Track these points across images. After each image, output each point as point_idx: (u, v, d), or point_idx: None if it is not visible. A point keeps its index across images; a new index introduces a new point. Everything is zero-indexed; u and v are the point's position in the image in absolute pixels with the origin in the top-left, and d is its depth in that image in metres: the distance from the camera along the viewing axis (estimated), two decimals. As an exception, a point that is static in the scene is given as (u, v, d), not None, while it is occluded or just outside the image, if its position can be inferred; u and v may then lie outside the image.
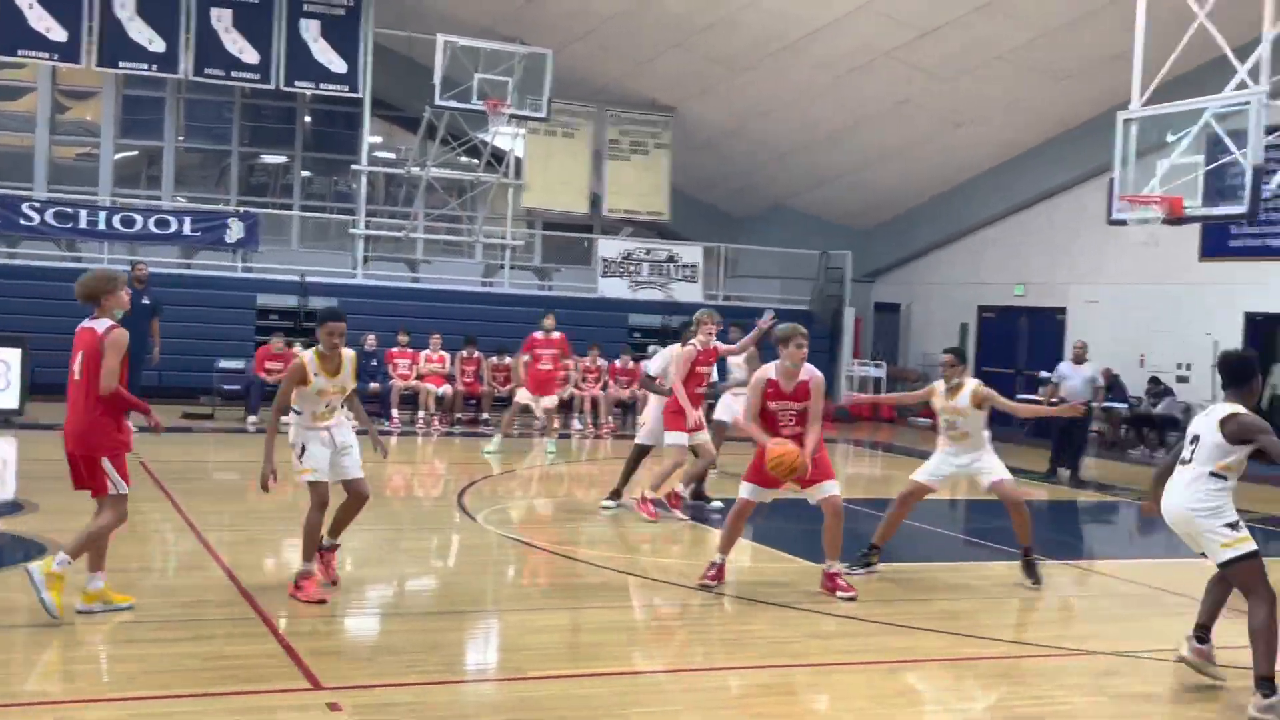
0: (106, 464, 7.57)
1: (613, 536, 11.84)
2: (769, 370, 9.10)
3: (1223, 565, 7.14)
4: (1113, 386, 20.89)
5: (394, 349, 20.39)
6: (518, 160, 25.11)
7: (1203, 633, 7.53)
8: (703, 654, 7.79)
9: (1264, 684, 6.82)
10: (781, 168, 26.46)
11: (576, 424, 20.42)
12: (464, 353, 20.53)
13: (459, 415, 20.47)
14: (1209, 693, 7.41)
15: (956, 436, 9.90)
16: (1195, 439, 7.18)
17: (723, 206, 28.87)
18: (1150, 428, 21.20)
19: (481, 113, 22.13)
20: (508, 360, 20.43)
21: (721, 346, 12.64)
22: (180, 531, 10.66)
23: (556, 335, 17.42)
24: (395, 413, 19.81)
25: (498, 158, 24.80)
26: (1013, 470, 10.50)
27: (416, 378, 20.21)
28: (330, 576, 8.72)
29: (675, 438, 12.26)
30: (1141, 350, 21.41)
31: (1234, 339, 20.46)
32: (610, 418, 20.59)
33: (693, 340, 12.29)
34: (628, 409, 21.02)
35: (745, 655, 7.73)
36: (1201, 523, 7.11)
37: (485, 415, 20.38)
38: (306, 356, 8.40)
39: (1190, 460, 7.15)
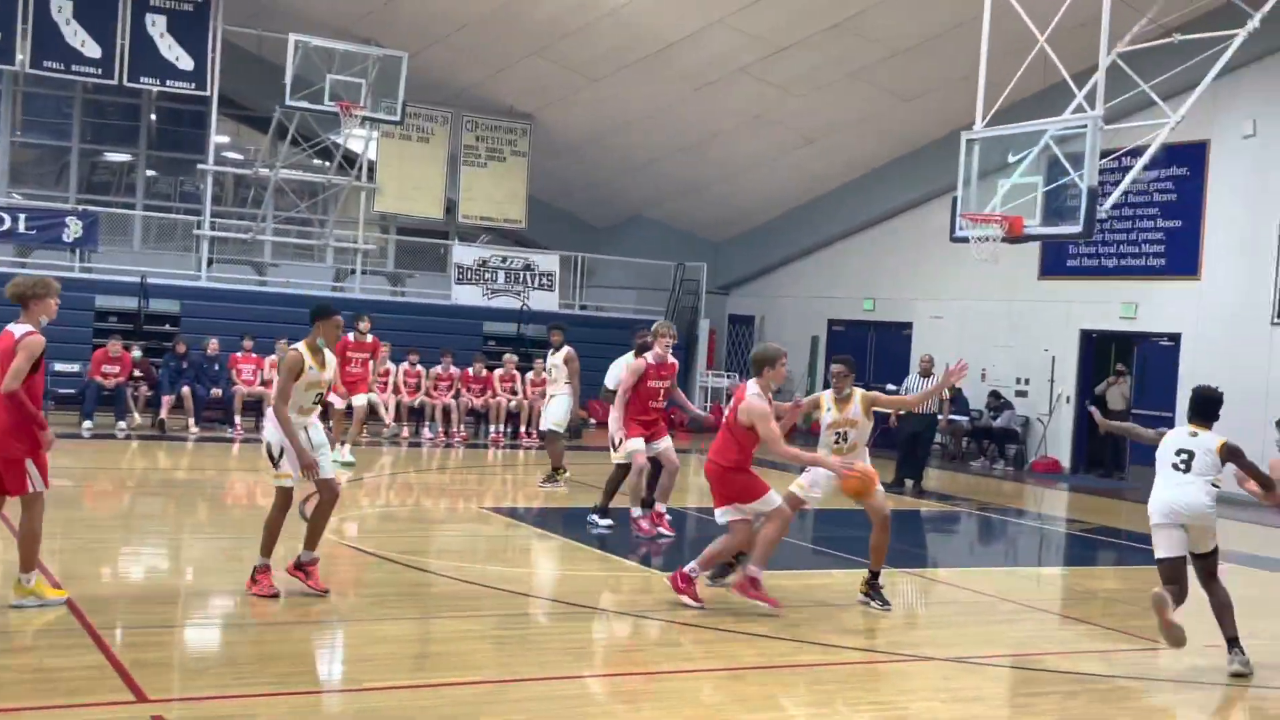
0: (29, 464, 7.73)
1: (462, 546, 11.72)
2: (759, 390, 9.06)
3: (1206, 555, 8.61)
4: (955, 400, 21.45)
5: (238, 354, 19.91)
6: (371, 164, 24.77)
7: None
8: (547, 662, 7.74)
9: (1234, 644, 8.29)
10: (639, 178, 26.60)
11: (428, 432, 20.19)
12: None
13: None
14: (1044, 697, 7.62)
15: (845, 449, 9.57)
16: (1188, 454, 8.73)
17: (580, 215, 28.89)
18: (990, 440, 21.81)
19: (334, 114, 21.76)
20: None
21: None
22: (6, 540, 10.23)
23: (370, 339, 17.14)
24: (239, 420, 19.34)
25: (350, 160, 24.42)
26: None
27: (261, 384, 19.76)
28: (320, 587, 8.74)
29: (633, 444, 11.88)
30: (983, 365, 22.03)
31: (1070, 355, 21.22)
32: (462, 426, 20.40)
33: (647, 353, 12.00)
34: (480, 417, 20.87)
35: (588, 664, 7.71)
36: (1210, 519, 8.61)
37: (332, 423, 19.96)
38: (301, 349, 8.56)
39: (1189, 471, 8.69)
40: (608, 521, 12.19)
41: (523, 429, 20.84)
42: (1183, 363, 19.57)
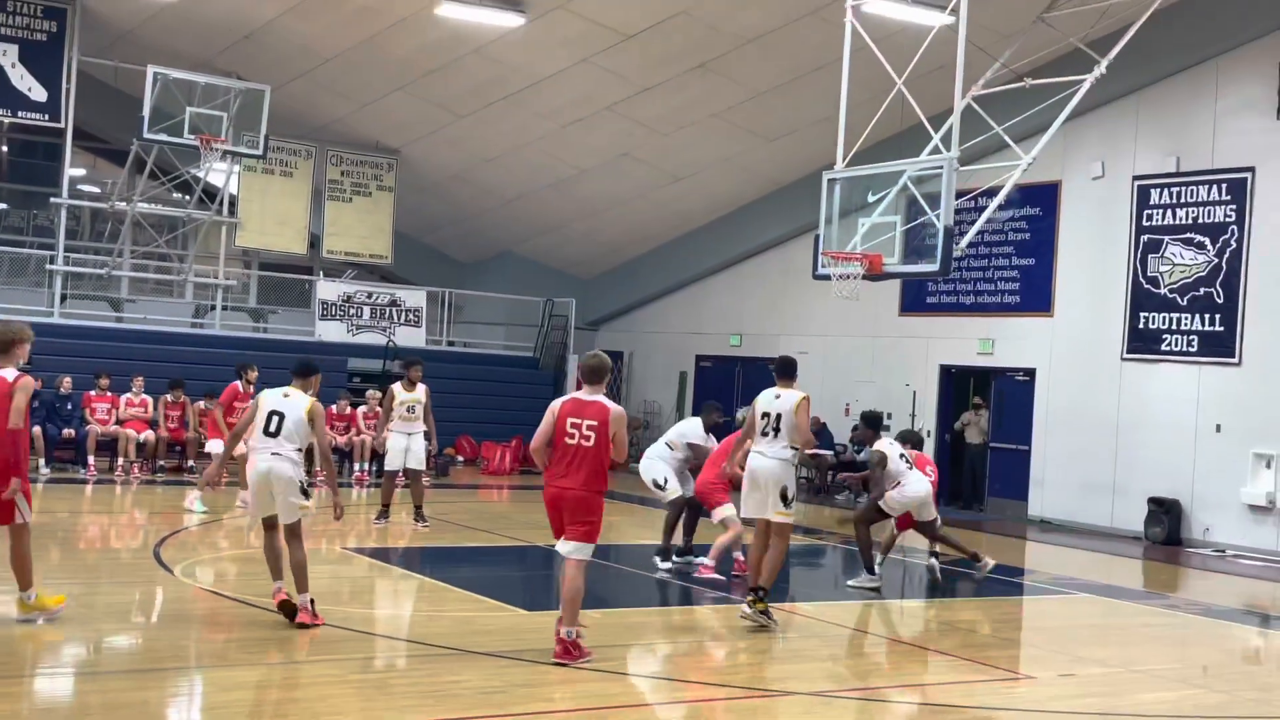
0: (19, 497, 8.66)
1: (324, 588, 11.50)
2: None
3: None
4: (820, 434, 21.74)
5: (93, 392, 19.32)
6: (233, 198, 24.33)
7: None
8: (407, 707, 7.61)
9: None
10: (507, 214, 26.57)
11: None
12: (169, 396, 19.63)
13: (162, 462, 19.53)
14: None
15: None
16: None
17: (448, 251, 28.73)
18: (854, 473, 22.12)
19: (194, 148, 21.32)
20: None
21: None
22: None
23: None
24: (92, 460, 18.77)
25: (211, 195, 23.95)
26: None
27: (116, 423, 19.20)
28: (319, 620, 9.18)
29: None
30: (846, 399, 22.40)
31: (931, 390, 21.69)
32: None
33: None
34: (344, 456, 20.52)
35: (448, 707, 7.59)
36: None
37: (191, 462, 19.51)
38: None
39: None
40: (668, 565, 12.69)
41: (358, 466, 20.45)
42: (1038, 396, 20.14)
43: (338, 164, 25.39)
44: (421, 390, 15.21)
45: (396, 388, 15.30)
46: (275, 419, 9.67)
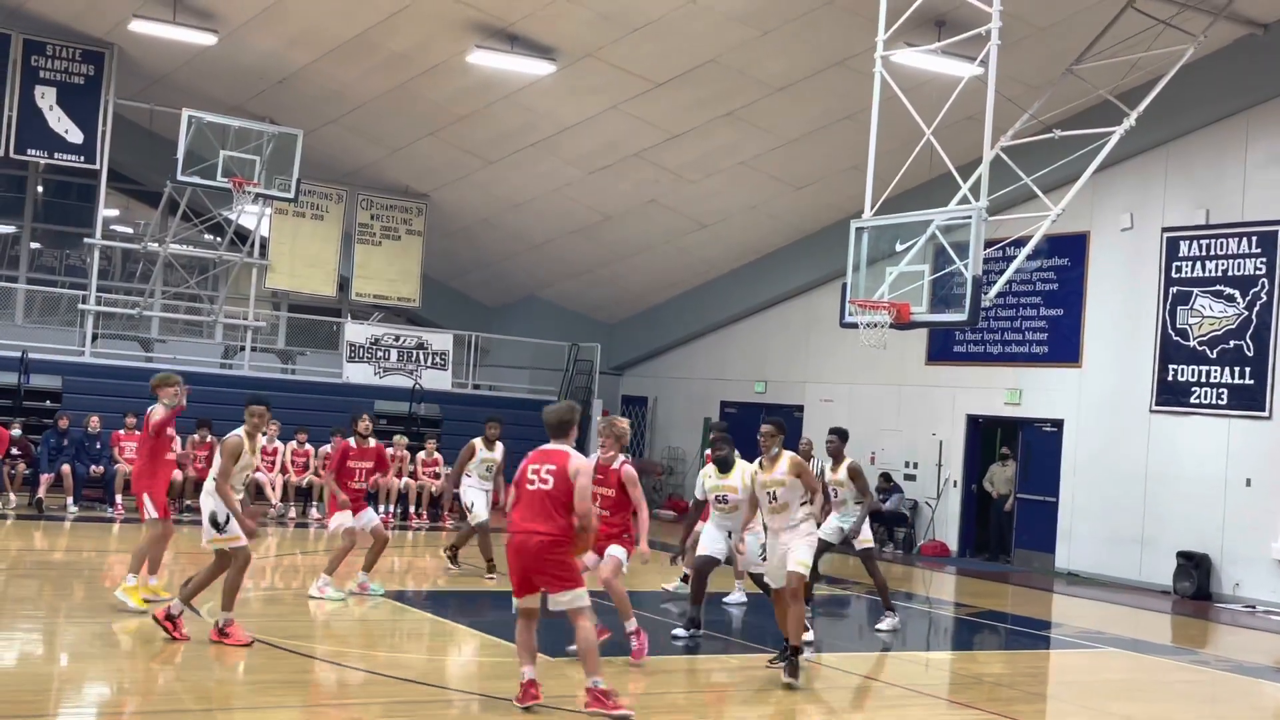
0: (146, 498, 11.02)
1: (348, 631, 11.49)
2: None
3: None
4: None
5: (121, 431, 19.43)
6: (263, 240, 24.53)
7: None
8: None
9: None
10: (534, 259, 26.69)
11: (315, 512, 19.81)
12: (196, 436, 19.71)
13: (189, 503, 19.57)
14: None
15: (777, 508, 9.99)
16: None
17: (475, 295, 28.86)
18: (880, 523, 22.01)
19: (226, 190, 21.54)
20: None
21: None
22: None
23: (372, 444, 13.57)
24: (119, 499, 18.83)
25: (242, 236, 24.16)
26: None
27: (146, 462, 19.27)
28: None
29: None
30: (872, 448, 22.30)
31: (958, 439, 21.60)
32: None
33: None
34: (370, 498, 20.48)
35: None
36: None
37: (219, 502, 19.53)
38: (241, 435, 10.16)
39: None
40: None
41: (412, 510, 20.57)
42: (1065, 447, 20.02)
43: (368, 207, 25.59)
44: (500, 450, 14.78)
45: (477, 443, 14.73)
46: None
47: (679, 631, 11.57)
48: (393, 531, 19.02)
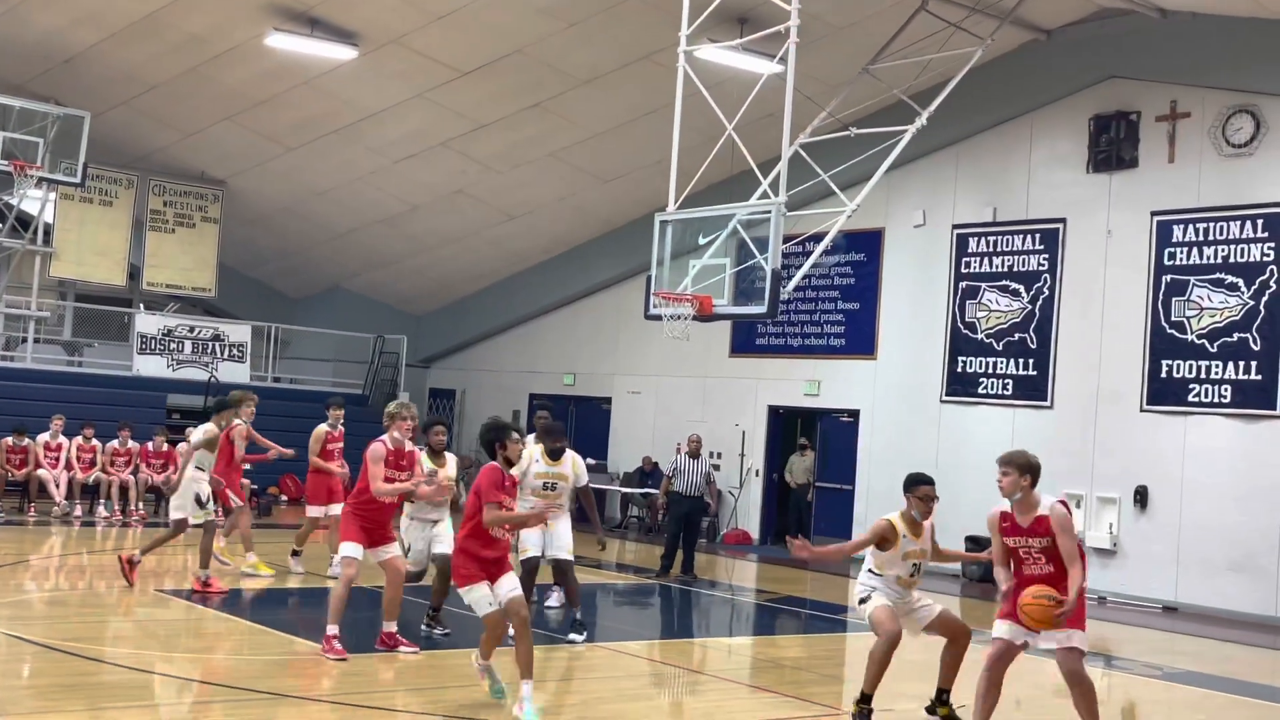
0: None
1: (135, 632, 11.08)
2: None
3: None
4: (652, 474, 21.93)
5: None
6: (48, 226, 23.43)
7: None
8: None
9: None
10: (338, 249, 26.16)
11: (103, 510, 19.02)
12: (-24, 432, 18.74)
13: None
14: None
15: (916, 582, 8.98)
16: None
17: (276, 285, 28.15)
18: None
19: (7, 174, 20.52)
20: (26, 441, 18.88)
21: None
22: None
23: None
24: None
25: (24, 223, 23.04)
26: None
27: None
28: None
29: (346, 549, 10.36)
30: (678, 439, 22.51)
31: (759, 430, 22.01)
32: (142, 504, 19.33)
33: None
34: (161, 495, 19.81)
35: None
36: None
37: (-2, 501, 18.62)
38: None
39: None
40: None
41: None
42: (861, 437, 20.59)
43: (160, 194, 24.70)
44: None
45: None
46: None
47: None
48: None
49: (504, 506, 8.24)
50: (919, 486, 8.89)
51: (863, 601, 8.88)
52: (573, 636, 11.17)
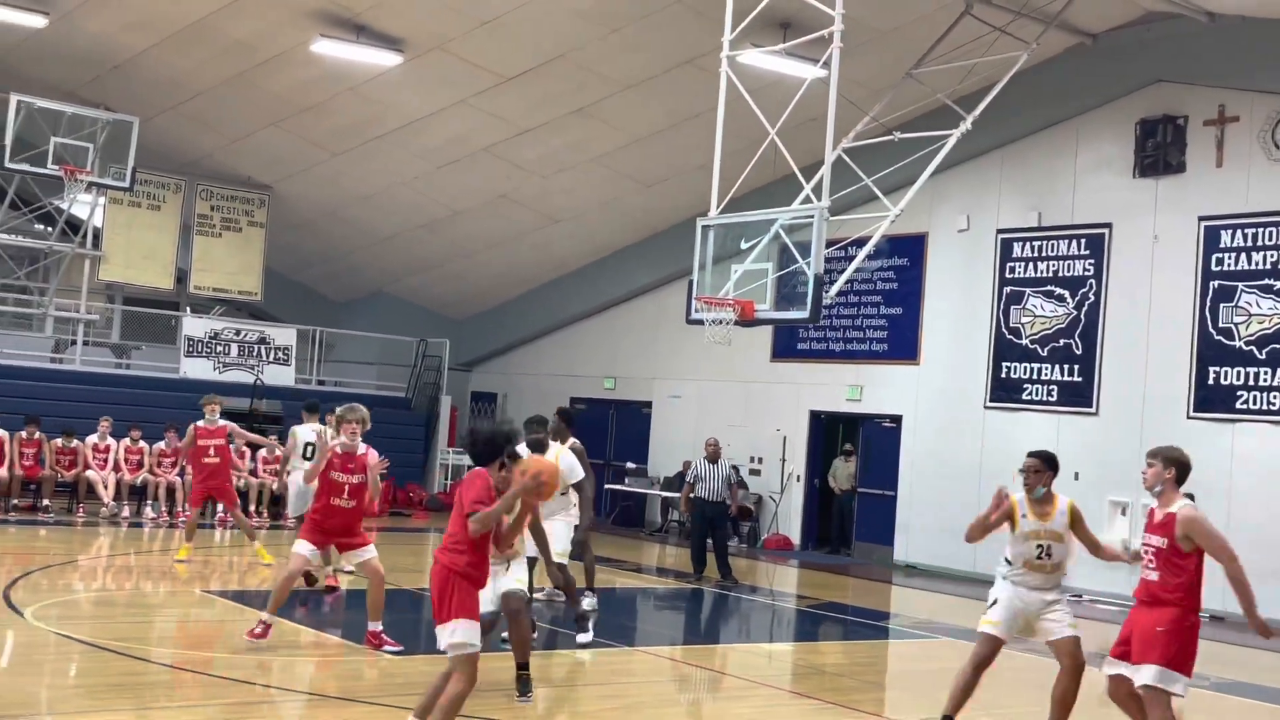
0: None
1: (182, 632, 11.19)
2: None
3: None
4: (741, 484, 21.96)
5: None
6: (97, 230, 23.71)
7: None
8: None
9: None
10: (381, 253, 26.33)
11: (150, 511, 19.23)
12: (24, 433, 18.97)
13: (15, 501, 18.85)
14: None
15: (1049, 567, 8.30)
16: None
17: (320, 289, 28.36)
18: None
19: (58, 178, 20.78)
20: (75, 443, 19.13)
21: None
22: None
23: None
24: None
25: (74, 226, 23.32)
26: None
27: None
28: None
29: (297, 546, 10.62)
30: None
31: (801, 435, 21.96)
32: (187, 505, 19.47)
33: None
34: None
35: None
36: None
37: (45, 501, 18.88)
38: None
39: None
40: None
41: (252, 508, 20.09)
42: (904, 443, 20.51)
43: (208, 198, 24.93)
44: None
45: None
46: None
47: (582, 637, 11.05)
48: (230, 530, 18.63)
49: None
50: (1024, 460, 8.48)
51: (990, 606, 8.43)
52: (579, 637, 11.07)
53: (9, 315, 24.37)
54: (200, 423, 14.97)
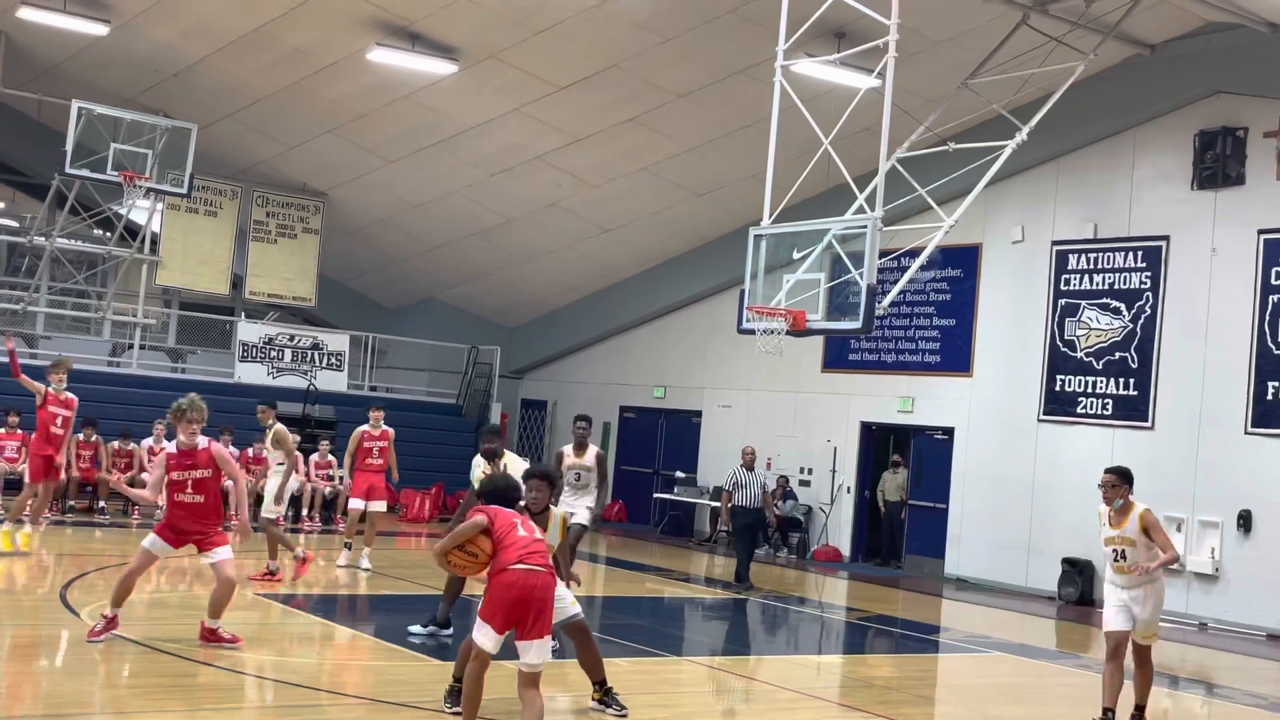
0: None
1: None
2: None
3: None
4: (786, 494, 21.89)
5: (1, 430, 18.89)
6: (154, 235, 24.03)
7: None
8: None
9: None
10: (433, 260, 26.49)
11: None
12: (80, 436, 19.23)
13: (72, 503, 19.11)
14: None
15: (1126, 568, 9.48)
16: None
17: (373, 296, 28.57)
18: (775, 528, 22.19)
19: (117, 184, 21.07)
20: (131, 446, 19.37)
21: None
22: None
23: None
24: None
25: (132, 232, 23.65)
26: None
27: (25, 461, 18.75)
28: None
29: None
30: (769, 454, 22.47)
31: (851, 446, 21.85)
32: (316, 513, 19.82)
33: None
34: (261, 500, 20.15)
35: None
36: None
37: (102, 503, 19.12)
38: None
39: None
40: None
41: (304, 512, 20.27)
42: (956, 455, 20.35)
43: (263, 205, 25.20)
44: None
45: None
46: None
47: (415, 628, 11.01)
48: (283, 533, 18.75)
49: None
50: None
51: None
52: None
53: (68, 319, 24.74)
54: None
